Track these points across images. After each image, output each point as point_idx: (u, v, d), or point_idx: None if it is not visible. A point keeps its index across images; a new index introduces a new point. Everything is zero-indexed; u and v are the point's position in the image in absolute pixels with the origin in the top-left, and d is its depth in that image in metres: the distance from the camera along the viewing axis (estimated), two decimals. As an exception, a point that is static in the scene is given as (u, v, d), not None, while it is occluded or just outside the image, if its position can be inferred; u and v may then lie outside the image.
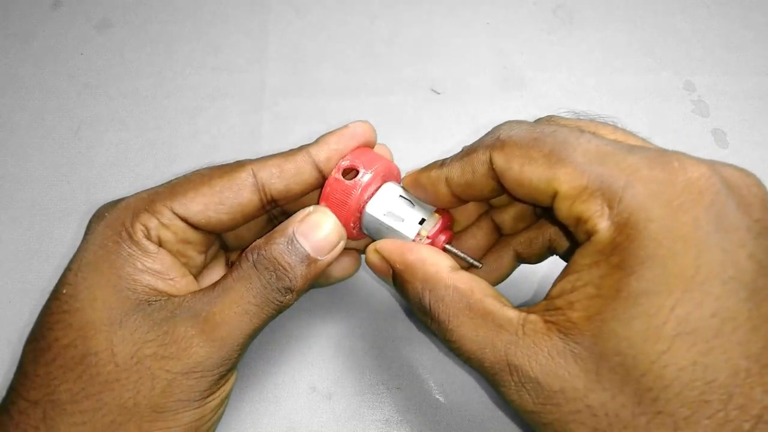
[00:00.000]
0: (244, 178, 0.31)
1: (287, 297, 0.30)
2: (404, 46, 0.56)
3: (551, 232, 0.34)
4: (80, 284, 0.28)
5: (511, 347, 0.25)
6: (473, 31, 0.57)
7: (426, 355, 0.42)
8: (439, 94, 0.53)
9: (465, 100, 0.53)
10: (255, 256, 0.29)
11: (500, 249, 0.36)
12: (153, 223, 0.30)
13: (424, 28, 0.57)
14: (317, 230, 0.31)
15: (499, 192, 0.29)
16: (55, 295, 0.29)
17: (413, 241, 0.31)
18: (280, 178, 0.32)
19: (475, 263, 0.33)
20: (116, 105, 0.52)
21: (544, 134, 0.27)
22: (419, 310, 0.29)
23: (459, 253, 0.33)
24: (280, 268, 0.29)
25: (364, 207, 0.32)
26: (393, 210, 0.32)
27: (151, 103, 0.52)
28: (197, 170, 0.32)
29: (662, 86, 0.54)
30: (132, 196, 0.31)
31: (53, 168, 0.49)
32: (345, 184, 0.32)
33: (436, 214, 0.33)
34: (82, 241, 0.30)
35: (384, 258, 0.31)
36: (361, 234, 0.34)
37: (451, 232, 0.33)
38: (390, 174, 0.34)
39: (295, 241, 0.30)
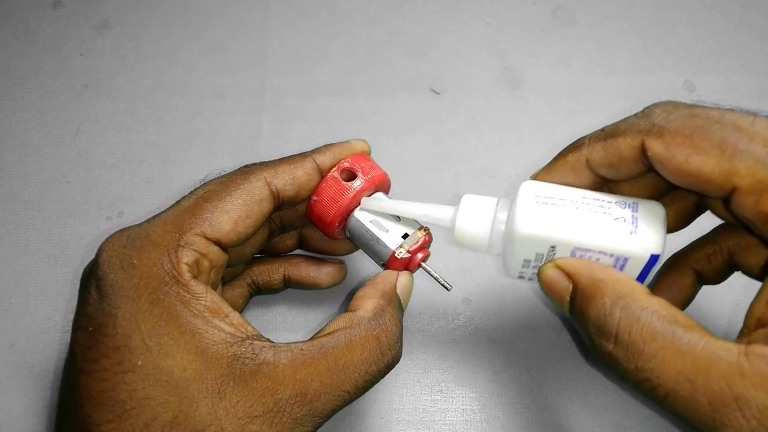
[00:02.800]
0: (261, 187, 0.31)
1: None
2: (404, 46, 0.56)
3: (730, 244, 0.31)
4: (157, 352, 0.25)
5: (735, 378, 0.21)
6: (473, 31, 0.57)
7: (423, 354, 0.42)
8: (438, 94, 0.53)
9: (465, 100, 0.53)
10: (377, 326, 0.29)
11: (678, 270, 0.33)
12: (192, 257, 0.27)
13: (424, 28, 0.57)
14: (407, 293, 0.32)
15: (647, 170, 0.27)
16: (127, 366, 0.25)
17: (393, 252, 0.33)
18: (292, 186, 0.32)
19: (447, 285, 0.34)
20: (116, 106, 0.52)
21: (711, 120, 0.25)
22: (600, 331, 0.24)
23: (432, 273, 0.34)
24: (396, 339, 0.29)
25: (353, 210, 0.34)
26: (379, 219, 0.34)
27: (150, 104, 0.52)
28: (205, 185, 0.31)
29: (662, 86, 0.54)
30: (149, 229, 0.28)
31: (52, 169, 0.49)
32: (341, 184, 0.33)
33: (420, 232, 0.34)
34: (113, 297, 0.26)
35: (567, 272, 0.27)
36: (341, 234, 0.35)
37: (427, 252, 0.34)
38: (383, 185, 0.35)
39: (401, 303, 0.31)
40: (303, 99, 0.52)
